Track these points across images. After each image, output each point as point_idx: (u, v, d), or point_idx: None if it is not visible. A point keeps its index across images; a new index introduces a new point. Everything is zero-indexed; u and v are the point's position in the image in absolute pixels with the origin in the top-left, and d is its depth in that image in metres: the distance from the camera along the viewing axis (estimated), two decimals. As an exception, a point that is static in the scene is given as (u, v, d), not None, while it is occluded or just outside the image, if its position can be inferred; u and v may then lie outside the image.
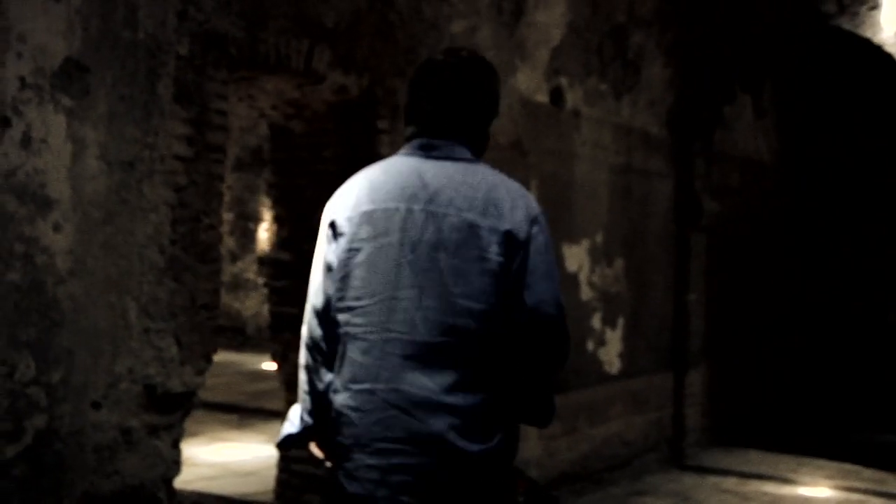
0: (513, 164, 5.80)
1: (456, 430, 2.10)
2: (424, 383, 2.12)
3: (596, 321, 6.74)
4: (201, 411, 8.12)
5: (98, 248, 3.33)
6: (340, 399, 2.20)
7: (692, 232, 7.84)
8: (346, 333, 2.22)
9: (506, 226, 2.15)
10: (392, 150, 4.65)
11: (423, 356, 2.13)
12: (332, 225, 2.28)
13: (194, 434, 7.66)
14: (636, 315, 7.20)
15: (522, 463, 5.91)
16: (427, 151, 2.27)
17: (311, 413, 2.34)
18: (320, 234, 2.32)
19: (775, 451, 7.83)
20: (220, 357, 12.65)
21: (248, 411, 8.86)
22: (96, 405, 3.34)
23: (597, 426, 6.73)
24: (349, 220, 2.24)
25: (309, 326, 2.34)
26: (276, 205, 4.98)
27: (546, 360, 2.20)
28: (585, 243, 6.60)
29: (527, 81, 5.99)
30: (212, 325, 3.75)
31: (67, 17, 3.21)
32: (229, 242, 14.20)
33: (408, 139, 2.32)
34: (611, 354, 6.93)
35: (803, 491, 6.76)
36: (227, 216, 14.09)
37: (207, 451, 7.33)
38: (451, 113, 2.27)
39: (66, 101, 3.21)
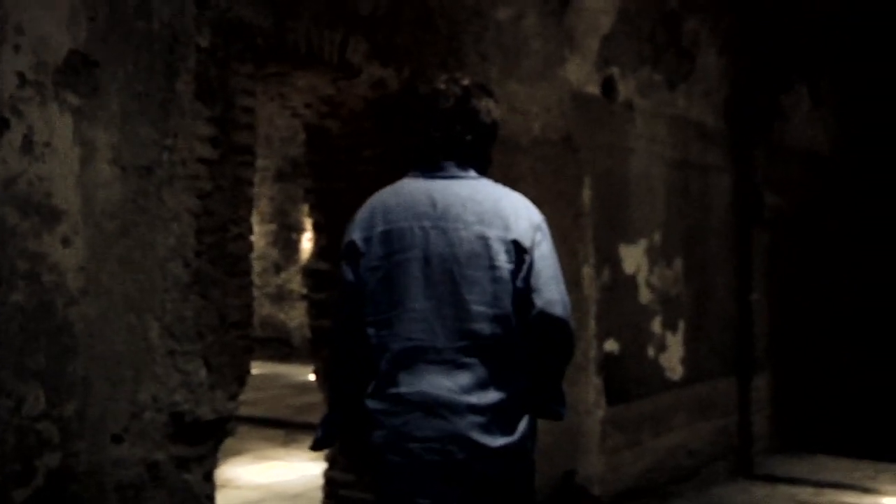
0: (563, 160, 5.44)
1: (478, 427, 2.30)
2: (446, 385, 2.32)
3: (656, 325, 6.35)
4: (245, 427, 7.84)
5: (114, 263, 2.98)
6: (371, 405, 2.40)
7: (754, 228, 7.45)
8: (375, 345, 2.41)
9: (512, 235, 2.36)
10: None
11: (443, 360, 2.34)
12: (351, 246, 2.47)
13: (238, 453, 7.36)
14: (697, 317, 6.81)
15: (585, 480, 5.55)
16: (434, 173, 2.47)
17: (337, 418, 2.58)
18: (340, 256, 2.51)
19: (850, 458, 7.35)
20: (266, 369, 12.40)
21: (294, 426, 8.54)
22: (117, 439, 2.99)
23: (661, 437, 6.34)
24: (366, 240, 2.45)
25: (335, 341, 2.57)
26: (314, 211, 4.63)
27: (555, 357, 2.44)
28: (643, 243, 6.22)
29: (577, 72, 5.61)
30: (244, 344, 3.40)
31: (71, 5, 2.87)
32: (273, 254, 14.17)
33: (415, 162, 2.52)
34: (673, 360, 6.53)
35: (888, 501, 6.28)
36: (270, 227, 14.04)
37: (251, 471, 7.01)
38: (455, 138, 2.46)
39: (73, 100, 2.87)
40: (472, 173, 2.47)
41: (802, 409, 8.02)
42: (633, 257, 6.11)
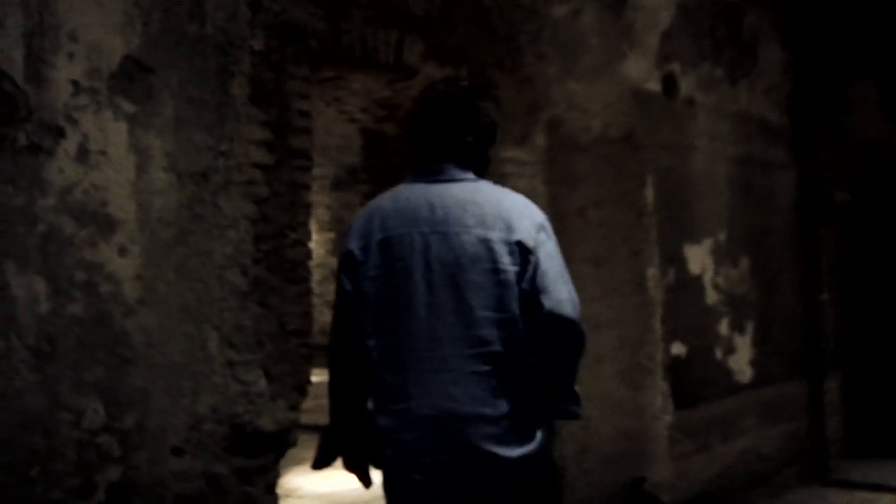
0: (625, 159, 5.30)
1: (494, 438, 2.19)
2: (458, 396, 2.21)
3: (724, 327, 6.16)
4: (306, 436, 7.78)
5: (170, 272, 2.92)
6: (380, 421, 2.29)
7: (821, 225, 7.22)
8: (378, 358, 2.30)
9: (515, 236, 2.27)
10: (493, 149, 4.27)
11: (452, 370, 2.22)
12: (349, 255, 2.36)
13: (300, 462, 7.27)
14: (765, 318, 6.60)
15: (654, 487, 5.40)
16: (432, 176, 2.37)
17: (338, 434, 2.44)
18: (338, 266, 2.41)
19: (931, 463, 7.06)
20: (325, 377, 12.40)
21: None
22: (177, 451, 2.93)
23: (730, 441, 6.15)
24: (364, 249, 2.34)
25: (335, 355, 2.43)
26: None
27: (568, 358, 2.32)
28: (708, 243, 6.04)
29: (637, 69, 5.46)
30: (304, 352, 3.32)
31: (125, 11, 2.83)
32: (331, 262, 14.16)
33: (412, 166, 2.43)
34: (741, 362, 6.34)
35: (975, 510, 6.02)
36: (328, 235, 14.05)
37: (314, 480, 6.91)
38: (453, 140, 2.38)
39: (127, 107, 2.82)
40: (471, 175, 2.40)
41: (876, 412, 7.76)
42: (698, 257, 5.94)
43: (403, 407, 2.24)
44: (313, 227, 15.18)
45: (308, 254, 3.39)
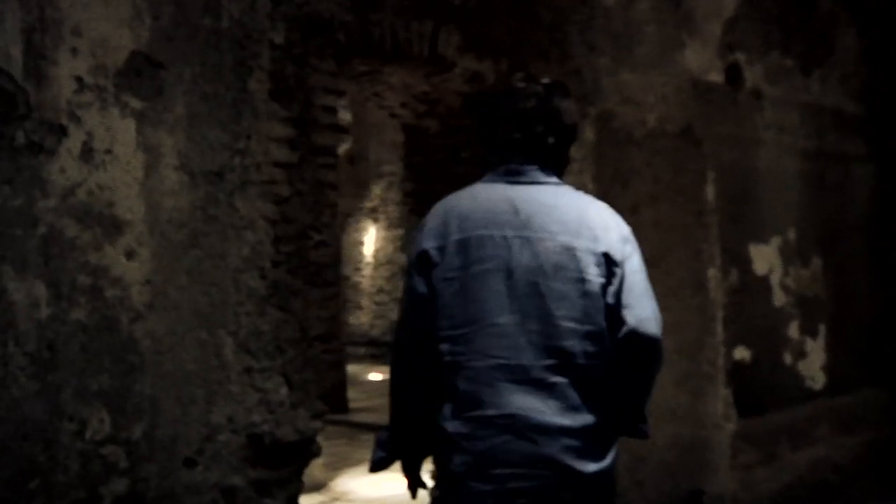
0: (684, 154, 5.06)
1: (572, 451, 2.12)
2: (537, 406, 2.13)
3: (793, 330, 5.86)
4: (365, 435, 7.66)
5: (182, 275, 2.80)
6: (451, 427, 2.19)
7: (903, 222, 6.85)
8: (450, 363, 2.21)
9: (602, 247, 2.20)
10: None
11: (531, 380, 2.15)
12: (423, 255, 2.26)
13: (350, 463, 7.21)
14: (840, 321, 6.27)
15: (714, 500, 5.15)
16: (513, 177, 2.29)
17: (401, 439, 2.36)
18: (409, 265, 2.32)
19: None
20: (377, 375, 12.23)
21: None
22: (190, 462, 2.81)
23: (801, 451, 5.85)
24: (441, 249, 2.24)
25: (401, 357, 2.34)
26: (413, 215, 4.41)
27: (647, 376, 2.26)
28: (775, 241, 5.75)
29: (697, 59, 5.21)
30: (329, 359, 3.18)
31: (133, 4, 2.71)
32: (401, 259, 14.15)
33: (491, 165, 2.34)
34: (813, 368, 6.03)
35: None
36: (398, 232, 14.01)
37: (364, 483, 6.81)
38: (536, 140, 2.30)
39: (135, 104, 2.71)
40: (555, 179, 2.32)
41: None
42: (764, 257, 5.66)
43: (477, 415, 2.16)
44: (382, 223, 15.09)
45: (334, 256, 3.25)
